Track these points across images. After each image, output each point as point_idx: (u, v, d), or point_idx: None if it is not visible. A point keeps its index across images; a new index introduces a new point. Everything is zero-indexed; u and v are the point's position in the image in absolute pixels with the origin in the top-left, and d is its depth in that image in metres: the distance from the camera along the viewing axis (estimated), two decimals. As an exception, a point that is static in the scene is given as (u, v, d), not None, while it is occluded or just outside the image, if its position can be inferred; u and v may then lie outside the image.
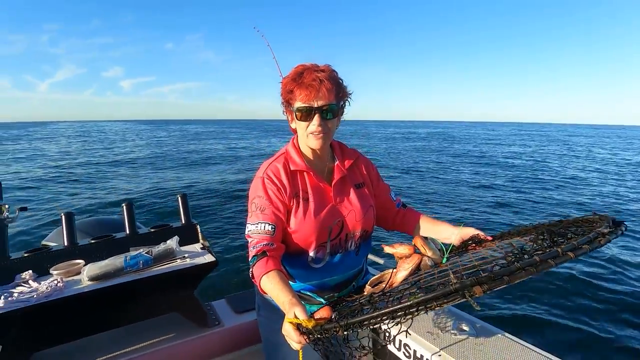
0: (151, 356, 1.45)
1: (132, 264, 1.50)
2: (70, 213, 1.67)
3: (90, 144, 29.87)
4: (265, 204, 1.13)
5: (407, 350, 1.33)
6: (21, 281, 1.46)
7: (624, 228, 0.79)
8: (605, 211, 8.01)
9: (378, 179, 1.34)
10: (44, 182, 12.76)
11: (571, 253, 0.65)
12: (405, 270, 0.97)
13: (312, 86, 1.07)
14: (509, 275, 0.63)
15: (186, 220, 1.80)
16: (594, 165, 17.43)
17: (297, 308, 0.87)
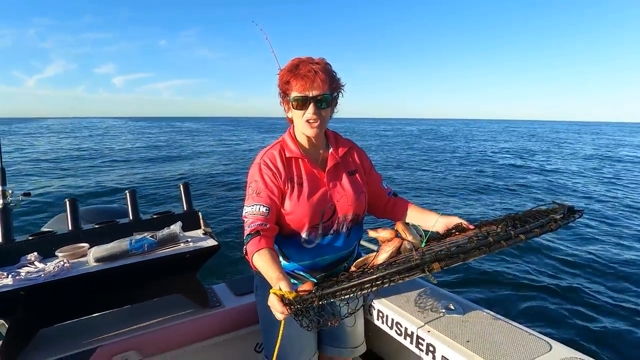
0: (154, 334, 1.51)
1: (137, 247, 1.55)
2: (74, 199, 1.71)
3: (82, 139, 29.41)
4: (260, 188, 1.22)
5: (398, 328, 1.42)
6: (27, 262, 1.50)
7: (577, 215, 0.90)
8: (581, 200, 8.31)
9: (370, 168, 1.43)
10: (41, 171, 12.61)
11: (522, 236, 0.74)
12: (386, 253, 1.06)
13: (307, 77, 1.15)
14: (464, 254, 0.72)
15: (188, 207, 1.86)
16: (575, 160, 18.14)
17: (282, 282, 0.96)
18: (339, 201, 1.27)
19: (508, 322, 1.31)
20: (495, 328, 1.27)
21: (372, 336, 1.62)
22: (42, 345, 1.43)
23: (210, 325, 1.61)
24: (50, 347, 1.41)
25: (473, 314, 1.37)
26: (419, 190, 10.46)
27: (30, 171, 13.24)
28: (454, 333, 1.26)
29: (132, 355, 1.46)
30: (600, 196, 9.92)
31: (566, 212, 0.89)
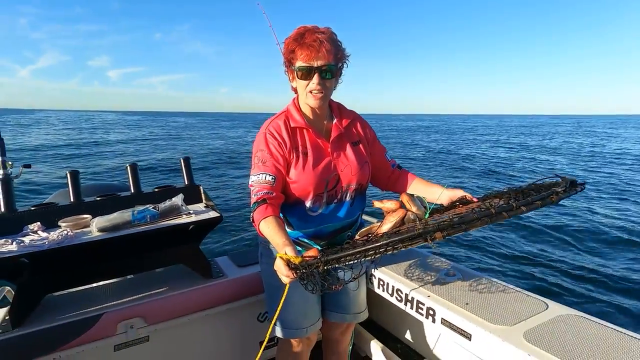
0: (159, 302, 1.53)
1: (140, 218, 1.56)
2: (75, 171, 1.71)
3: (81, 131, 29.23)
4: (266, 157, 1.23)
5: (399, 295, 1.44)
6: (30, 231, 1.51)
7: (579, 188, 0.91)
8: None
9: (374, 139, 1.43)
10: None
11: (524, 207, 0.75)
12: (390, 223, 1.07)
13: (312, 46, 1.14)
14: (466, 224, 0.73)
15: (189, 181, 1.86)
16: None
17: (288, 247, 0.98)
18: (343, 171, 1.29)
19: (506, 285, 1.34)
20: (494, 291, 1.31)
21: (373, 305, 1.66)
22: (49, 310, 1.45)
23: (213, 294, 1.64)
24: (58, 312, 1.44)
25: (472, 279, 1.40)
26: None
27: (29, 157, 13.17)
28: (453, 296, 1.29)
29: (137, 322, 1.48)
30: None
31: (568, 185, 0.90)
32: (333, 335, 1.56)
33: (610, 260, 4.40)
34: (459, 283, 1.38)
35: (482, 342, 1.11)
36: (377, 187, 1.50)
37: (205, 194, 1.85)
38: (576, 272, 4.14)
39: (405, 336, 1.69)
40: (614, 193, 8.38)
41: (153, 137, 26.53)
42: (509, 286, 1.34)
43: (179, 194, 1.72)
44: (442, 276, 1.43)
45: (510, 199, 0.91)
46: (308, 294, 1.34)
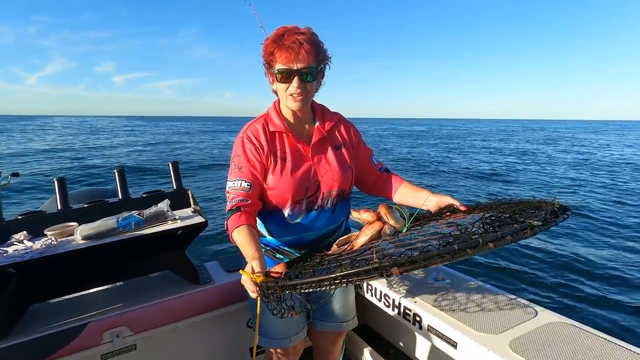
0: (146, 310, 1.52)
1: (124, 225, 1.54)
2: (62, 178, 1.70)
3: (84, 136, 29.73)
4: (243, 163, 1.19)
5: (386, 300, 1.41)
6: (15, 240, 1.51)
7: (560, 219, 0.82)
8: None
9: (359, 142, 1.38)
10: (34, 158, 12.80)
11: (491, 244, 0.70)
12: (366, 236, 1.05)
13: (292, 48, 1.10)
14: (425, 260, 0.69)
15: (177, 185, 1.85)
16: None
17: (255, 261, 0.95)
18: (324, 176, 1.24)
19: (495, 290, 1.30)
20: (482, 296, 1.26)
21: (365, 310, 1.62)
22: (34, 320, 1.45)
23: (201, 301, 1.62)
24: (42, 322, 1.43)
25: (461, 284, 1.36)
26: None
27: (28, 160, 13.45)
28: (440, 302, 1.25)
29: (124, 330, 1.47)
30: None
31: (548, 214, 0.83)
32: (323, 344, 1.52)
33: (605, 268, 4.30)
34: (447, 288, 1.34)
35: (467, 350, 1.07)
36: (364, 192, 1.45)
37: (193, 199, 1.83)
38: (568, 278, 4.06)
39: (398, 342, 1.65)
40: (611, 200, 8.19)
41: (155, 141, 26.89)
42: (499, 291, 1.29)
43: (166, 199, 1.71)
44: (431, 280, 1.39)
45: (487, 225, 0.84)
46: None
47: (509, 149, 21.04)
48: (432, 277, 1.40)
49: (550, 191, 9.22)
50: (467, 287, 1.33)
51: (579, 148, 22.71)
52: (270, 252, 1.32)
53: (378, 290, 1.44)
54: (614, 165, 14.72)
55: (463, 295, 1.29)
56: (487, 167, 13.36)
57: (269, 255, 1.32)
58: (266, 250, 1.32)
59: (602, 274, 4.12)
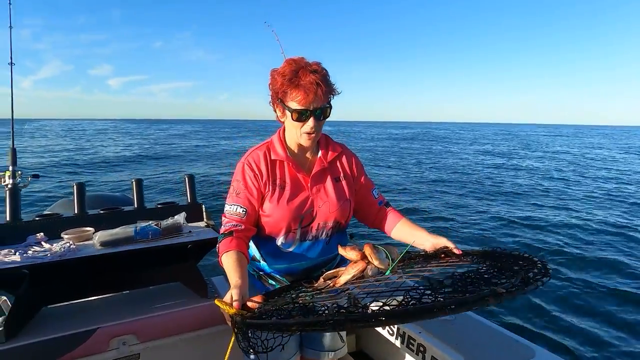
0: (153, 320, 1.54)
1: (142, 234, 1.59)
2: (81, 183, 1.75)
3: (85, 141, 29.51)
4: (241, 188, 1.22)
5: (390, 329, 1.46)
6: (34, 241, 1.54)
7: (532, 286, 0.76)
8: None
9: (361, 174, 1.38)
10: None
11: (447, 309, 0.67)
12: (349, 275, 1.05)
13: (309, 90, 1.11)
14: (374, 319, 0.69)
15: (192, 199, 1.90)
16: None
17: (235, 290, 0.96)
18: (321, 207, 1.25)
19: (496, 327, 1.36)
20: (484, 332, 1.32)
21: (363, 336, 1.66)
22: (45, 322, 1.46)
23: (207, 314, 1.65)
24: (53, 324, 1.45)
25: (464, 318, 1.42)
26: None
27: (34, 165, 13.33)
28: (444, 335, 1.30)
29: (130, 339, 1.49)
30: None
31: (519, 281, 0.77)
32: None
33: (602, 308, 4.39)
34: (451, 321, 1.40)
35: None
36: (364, 224, 1.45)
37: (206, 213, 1.89)
38: (567, 319, 4.12)
39: None
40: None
41: (150, 145, 26.80)
42: (500, 329, 1.35)
43: (182, 211, 1.76)
44: None
45: (459, 279, 0.84)
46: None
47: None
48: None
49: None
50: (470, 321, 1.39)
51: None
52: (264, 278, 1.33)
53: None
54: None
55: (466, 329, 1.34)
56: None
57: (262, 280, 1.33)
58: (259, 275, 1.34)
59: (600, 315, 4.18)
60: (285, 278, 1.29)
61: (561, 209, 9.02)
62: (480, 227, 7.44)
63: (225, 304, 0.93)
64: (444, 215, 8.35)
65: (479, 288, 0.75)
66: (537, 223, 7.68)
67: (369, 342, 1.77)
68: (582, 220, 7.98)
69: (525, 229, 7.33)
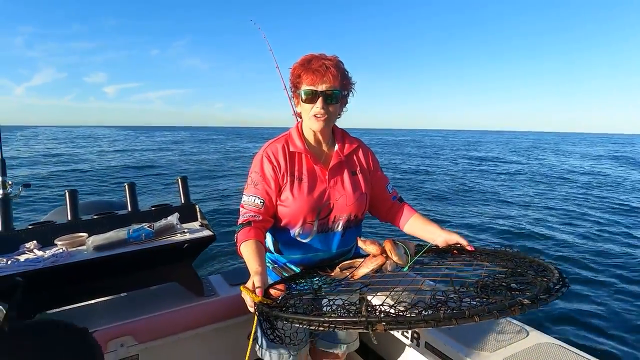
0: (150, 321, 1.55)
1: (135, 236, 1.59)
2: (74, 190, 1.75)
3: (76, 146, 29.38)
4: (259, 180, 1.24)
5: None
6: (26, 250, 1.54)
7: (552, 298, 0.77)
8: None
9: (377, 169, 1.40)
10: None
11: (477, 318, 0.70)
12: (367, 269, 1.07)
13: (318, 71, 1.16)
14: (410, 323, 0.72)
15: (185, 200, 1.90)
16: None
17: (257, 277, 0.98)
18: (338, 200, 1.26)
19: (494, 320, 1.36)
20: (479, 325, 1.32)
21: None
22: None
23: (204, 313, 1.66)
24: None
25: None
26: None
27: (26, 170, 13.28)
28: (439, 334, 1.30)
29: (128, 340, 1.50)
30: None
31: (538, 293, 0.78)
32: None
33: (599, 290, 4.42)
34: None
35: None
36: (377, 217, 1.47)
37: (200, 213, 1.89)
38: (562, 299, 4.14)
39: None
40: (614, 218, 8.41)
41: (145, 150, 26.76)
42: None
43: (175, 212, 1.76)
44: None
45: (480, 284, 0.84)
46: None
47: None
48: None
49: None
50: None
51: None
52: (278, 270, 1.35)
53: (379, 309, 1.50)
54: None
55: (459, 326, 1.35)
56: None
57: (276, 272, 1.35)
58: (274, 267, 1.36)
59: (597, 296, 4.22)
60: (301, 269, 1.31)
61: (559, 211, 9.06)
62: (481, 228, 7.47)
63: (250, 290, 0.95)
64: (443, 216, 8.39)
65: (504, 296, 0.76)
66: (534, 225, 7.67)
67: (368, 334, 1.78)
68: (581, 223, 8.02)
69: (524, 229, 7.32)
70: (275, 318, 0.86)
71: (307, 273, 1.24)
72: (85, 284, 1.55)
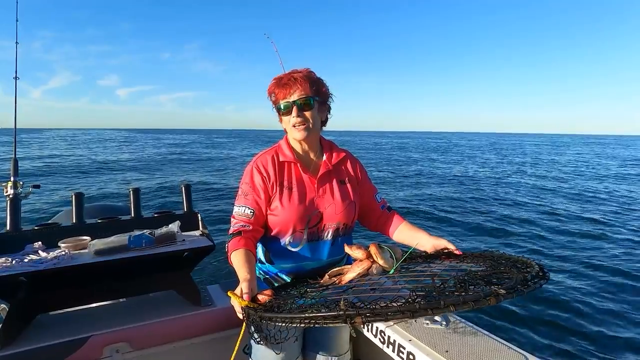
0: (146, 328, 1.56)
1: (135, 242, 1.61)
2: (80, 193, 1.79)
3: (88, 149, 30.13)
4: (249, 190, 1.29)
5: (382, 337, 1.44)
6: (31, 250, 1.58)
7: (528, 289, 0.79)
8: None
9: (365, 179, 1.44)
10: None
11: (452, 307, 0.72)
12: (354, 273, 1.09)
13: (287, 84, 1.23)
14: (387, 315, 0.73)
15: (188, 208, 1.92)
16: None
17: (244, 283, 1.02)
18: (327, 209, 1.30)
19: (489, 335, 1.33)
20: (475, 340, 1.30)
21: (358, 344, 1.65)
22: (39, 330, 1.49)
23: (201, 323, 1.66)
24: (48, 332, 1.47)
25: (456, 326, 1.40)
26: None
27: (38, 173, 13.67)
28: (434, 343, 1.28)
29: (123, 346, 1.50)
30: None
31: (519, 282, 0.81)
32: None
33: (596, 314, 4.29)
34: (442, 329, 1.38)
35: None
36: (367, 228, 1.50)
37: (202, 222, 1.90)
38: (560, 325, 4.04)
39: None
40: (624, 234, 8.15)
41: (157, 154, 27.23)
42: (491, 336, 1.33)
43: (177, 220, 1.78)
44: (427, 320, 1.43)
45: (459, 279, 0.85)
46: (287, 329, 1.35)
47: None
48: (427, 317, 1.45)
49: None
50: (462, 330, 1.37)
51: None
52: (269, 281, 1.37)
53: (374, 326, 1.48)
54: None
55: (457, 337, 1.32)
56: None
57: (267, 283, 1.37)
58: (265, 278, 1.38)
59: (594, 323, 4.09)
60: (291, 279, 1.33)
61: (557, 214, 8.93)
62: (477, 232, 7.39)
63: (237, 296, 0.98)
64: (442, 219, 8.34)
65: (481, 288, 0.78)
66: (533, 228, 7.60)
67: (364, 350, 1.75)
68: (579, 224, 7.86)
69: (521, 233, 7.27)
70: (259, 319, 0.89)
71: (297, 283, 1.27)
72: (85, 287, 1.57)
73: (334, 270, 1.20)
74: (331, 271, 1.20)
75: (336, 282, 1.12)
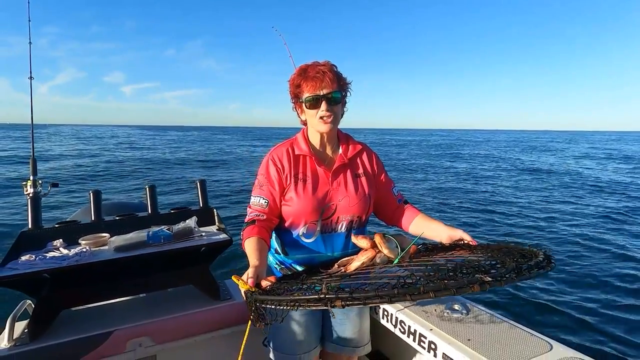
0: (168, 323, 1.58)
1: (154, 238, 1.63)
2: (98, 191, 1.81)
3: (99, 146, 30.40)
4: (264, 182, 1.31)
5: (402, 327, 1.44)
6: (53, 247, 1.60)
7: (520, 277, 0.79)
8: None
9: (381, 172, 1.44)
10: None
11: (432, 293, 0.73)
12: (359, 262, 1.12)
13: (316, 77, 1.23)
14: (365, 299, 0.76)
15: (204, 204, 1.94)
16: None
17: (251, 269, 1.05)
18: (341, 201, 1.31)
19: (510, 322, 1.33)
20: (497, 328, 1.29)
21: (378, 336, 1.65)
22: (65, 324, 1.52)
23: (220, 317, 1.67)
24: (73, 327, 1.50)
25: (476, 315, 1.39)
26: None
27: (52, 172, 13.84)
28: (456, 332, 1.28)
29: (146, 340, 1.53)
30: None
31: (512, 269, 0.81)
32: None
33: (623, 301, 4.23)
34: (463, 318, 1.38)
35: None
36: (383, 221, 1.50)
37: (218, 217, 1.92)
38: (585, 311, 3.99)
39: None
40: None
41: (164, 149, 27.38)
42: (513, 324, 1.32)
43: (193, 216, 1.79)
44: (447, 310, 1.43)
45: (458, 268, 0.85)
46: (304, 320, 1.36)
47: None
48: (448, 306, 1.44)
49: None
50: (483, 318, 1.37)
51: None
52: (284, 271, 1.39)
53: (394, 316, 1.48)
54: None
55: (478, 325, 1.32)
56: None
57: (283, 273, 1.38)
58: (281, 268, 1.40)
59: (620, 309, 4.05)
60: (305, 269, 1.34)
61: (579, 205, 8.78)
62: (497, 226, 7.31)
63: (242, 280, 1.01)
64: (458, 214, 8.25)
65: (470, 276, 0.79)
66: (556, 222, 7.49)
67: (384, 342, 1.76)
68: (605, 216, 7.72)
69: (543, 227, 7.16)
70: (255, 301, 0.94)
71: (306, 272, 1.28)
72: (106, 283, 1.60)
73: (343, 260, 1.22)
74: (340, 261, 1.22)
75: (343, 271, 1.14)
